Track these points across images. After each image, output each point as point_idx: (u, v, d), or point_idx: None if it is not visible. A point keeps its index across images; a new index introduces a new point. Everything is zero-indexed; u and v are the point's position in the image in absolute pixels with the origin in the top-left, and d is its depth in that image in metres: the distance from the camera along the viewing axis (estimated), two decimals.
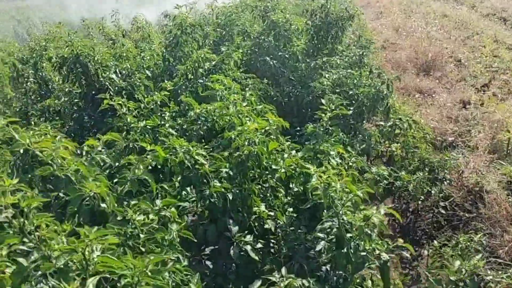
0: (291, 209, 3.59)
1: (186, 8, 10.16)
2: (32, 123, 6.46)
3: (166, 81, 6.04)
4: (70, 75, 5.97)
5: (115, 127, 4.86)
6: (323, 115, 4.00)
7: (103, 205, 2.78)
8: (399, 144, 6.13)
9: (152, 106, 4.88)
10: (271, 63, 6.40)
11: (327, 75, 5.84)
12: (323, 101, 4.09)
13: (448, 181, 5.42)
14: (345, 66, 6.28)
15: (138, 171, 3.32)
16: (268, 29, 6.91)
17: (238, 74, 6.44)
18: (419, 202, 5.61)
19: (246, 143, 3.44)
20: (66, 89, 6.57)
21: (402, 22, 15.52)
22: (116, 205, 2.90)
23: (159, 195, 3.46)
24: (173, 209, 3.05)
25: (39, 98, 7.98)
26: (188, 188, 3.69)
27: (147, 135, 4.53)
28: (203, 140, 4.30)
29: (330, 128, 4.27)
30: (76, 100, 6.42)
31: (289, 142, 4.04)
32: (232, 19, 7.47)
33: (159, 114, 4.94)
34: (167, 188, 3.54)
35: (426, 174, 5.40)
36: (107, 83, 5.88)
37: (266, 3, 7.42)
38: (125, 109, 4.80)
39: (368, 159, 5.70)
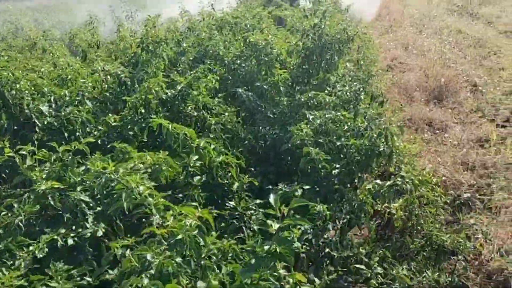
0: None
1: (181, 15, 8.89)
2: None
3: (110, 115, 4.79)
4: None
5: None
6: (271, 225, 2.55)
7: None
8: (400, 204, 4.79)
9: (67, 159, 3.60)
10: (245, 95, 5.08)
11: (311, 117, 4.50)
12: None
13: (462, 269, 4.06)
14: (336, 104, 4.94)
15: None
16: (246, 53, 5.61)
17: (209, 101, 5.17)
18: None
19: None
20: None
21: (413, 39, 14.12)
22: None
23: None
24: None
25: None
26: None
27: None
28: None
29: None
30: None
31: None
32: (200, 39, 6.17)
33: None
34: None
35: (433, 256, 4.04)
36: (33, 116, 4.63)
37: (245, 20, 6.11)
38: (30, 161, 3.54)
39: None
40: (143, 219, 3.03)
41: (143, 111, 4.85)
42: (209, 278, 2.30)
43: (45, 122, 4.63)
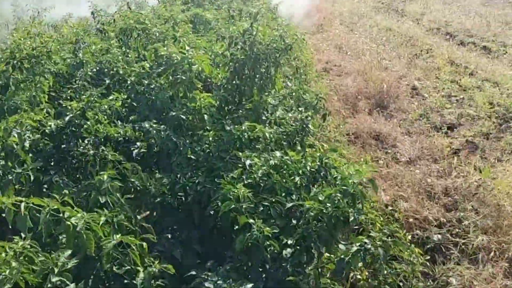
0: None
1: None
2: None
3: None
4: None
5: None
6: None
7: None
8: (365, 267, 3.65)
9: None
10: (154, 131, 3.65)
11: (248, 162, 3.18)
12: None
13: None
14: (278, 138, 3.66)
15: None
16: (157, 70, 4.18)
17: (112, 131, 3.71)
18: None
19: None
20: None
21: (345, 38, 13.30)
22: None
23: None
24: None
25: None
26: None
27: None
28: None
29: None
30: None
31: None
32: (87, 52, 4.64)
33: None
34: None
35: None
36: None
37: (153, 27, 4.64)
38: None
39: None
40: None
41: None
42: None
43: None
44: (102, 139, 4.09)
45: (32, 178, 3.15)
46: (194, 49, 4.38)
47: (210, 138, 3.73)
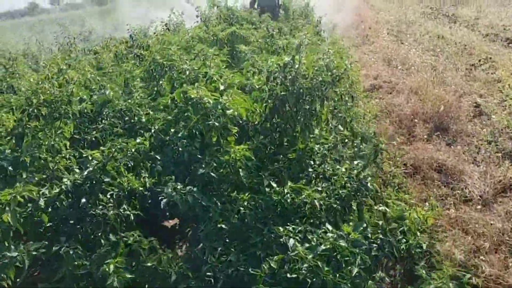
0: None
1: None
2: None
3: None
4: None
5: None
6: None
7: None
8: None
9: None
10: (179, 195, 3.00)
11: (290, 243, 2.46)
12: None
13: None
14: (329, 208, 2.91)
15: None
16: (181, 117, 3.55)
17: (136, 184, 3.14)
18: None
19: None
20: None
21: (394, 50, 12.31)
22: None
23: None
24: None
25: None
26: None
27: None
28: None
29: None
30: None
31: None
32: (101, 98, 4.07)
33: None
34: None
35: None
36: None
37: (183, 64, 4.02)
38: None
39: None
40: None
41: None
42: None
43: None
44: (126, 192, 3.53)
45: (27, 263, 2.59)
46: (229, 87, 3.71)
47: (246, 203, 3.03)
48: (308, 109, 4.13)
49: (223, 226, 2.99)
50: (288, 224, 2.73)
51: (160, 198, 3.29)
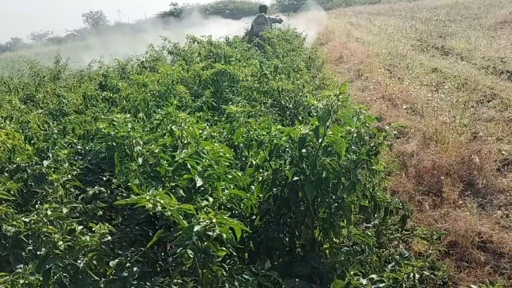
0: None
1: None
2: None
3: None
4: None
5: None
6: None
7: None
8: None
9: None
10: None
11: None
12: None
13: None
14: None
15: None
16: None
17: None
18: None
19: None
20: None
21: (394, 86, 11.04)
22: None
23: None
24: None
25: None
26: None
27: None
28: None
29: None
30: None
31: None
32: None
33: None
34: None
35: None
36: None
37: (136, 136, 2.50)
38: None
39: None
40: None
41: None
42: None
43: None
44: None
45: None
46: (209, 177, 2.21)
47: None
48: (334, 199, 2.64)
49: None
50: None
51: None
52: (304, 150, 2.42)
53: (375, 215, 4.40)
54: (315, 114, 2.27)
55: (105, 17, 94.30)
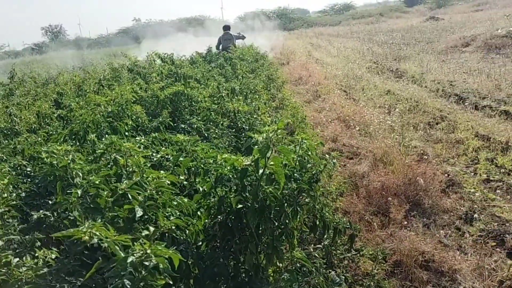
0: None
1: None
2: None
3: None
4: None
5: None
6: None
7: None
8: None
9: None
10: None
11: None
12: None
13: None
14: None
15: None
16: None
17: None
18: None
19: None
20: None
21: (350, 108, 11.44)
22: None
23: None
24: None
25: None
26: None
27: None
28: None
29: None
30: None
31: None
32: None
33: None
34: None
35: None
36: None
37: (74, 173, 2.51)
38: None
39: None
40: None
41: None
42: None
43: None
44: None
45: None
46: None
47: None
48: (276, 225, 2.74)
49: None
50: None
51: None
52: (246, 180, 2.52)
53: (325, 236, 4.56)
54: (256, 146, 2.38)
55: (65, 31, 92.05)
